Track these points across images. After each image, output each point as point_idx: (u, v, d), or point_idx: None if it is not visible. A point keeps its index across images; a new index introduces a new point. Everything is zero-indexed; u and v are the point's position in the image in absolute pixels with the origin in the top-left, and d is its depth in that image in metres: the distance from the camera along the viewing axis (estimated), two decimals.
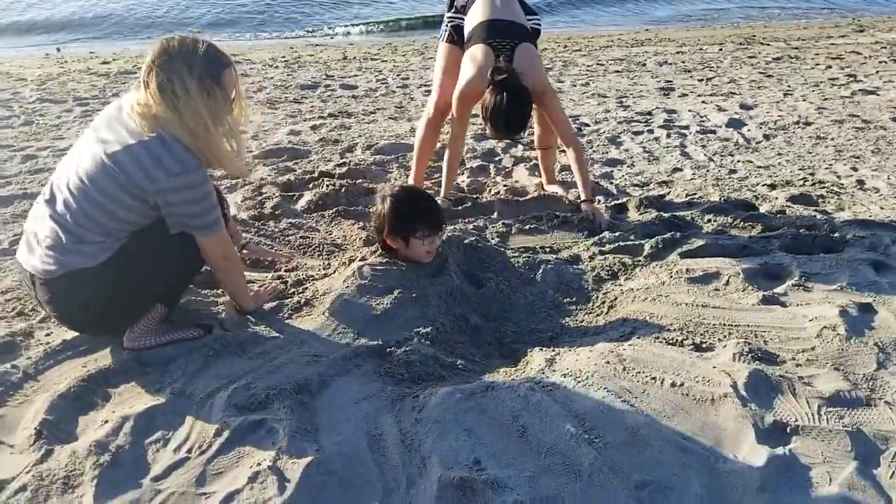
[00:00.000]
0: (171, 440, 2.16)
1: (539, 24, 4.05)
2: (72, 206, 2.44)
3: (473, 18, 3.90)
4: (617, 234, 3.63)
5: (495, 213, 4.01)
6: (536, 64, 3.83)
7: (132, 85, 6.41)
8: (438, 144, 4.42)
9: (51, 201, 2.52)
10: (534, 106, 3.83)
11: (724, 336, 2.68)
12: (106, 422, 2.21)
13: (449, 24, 4.07)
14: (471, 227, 3.76)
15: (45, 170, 4.87)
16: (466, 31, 3.94)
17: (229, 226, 2.96)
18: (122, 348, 2.60)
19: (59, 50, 11.33)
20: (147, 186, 2.39)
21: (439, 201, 3.75)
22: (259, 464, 2.03)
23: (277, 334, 2.79)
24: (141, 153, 2.39)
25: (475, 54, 3.77)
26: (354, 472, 2.05)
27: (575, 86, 7.80)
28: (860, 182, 4.65)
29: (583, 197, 3.97)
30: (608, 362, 2.49)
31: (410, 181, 4.36)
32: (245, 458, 2.08)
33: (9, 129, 6.10)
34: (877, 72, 8.47)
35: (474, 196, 4.29)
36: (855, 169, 4.92)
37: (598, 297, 3.13)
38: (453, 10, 4.05)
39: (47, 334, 2.71)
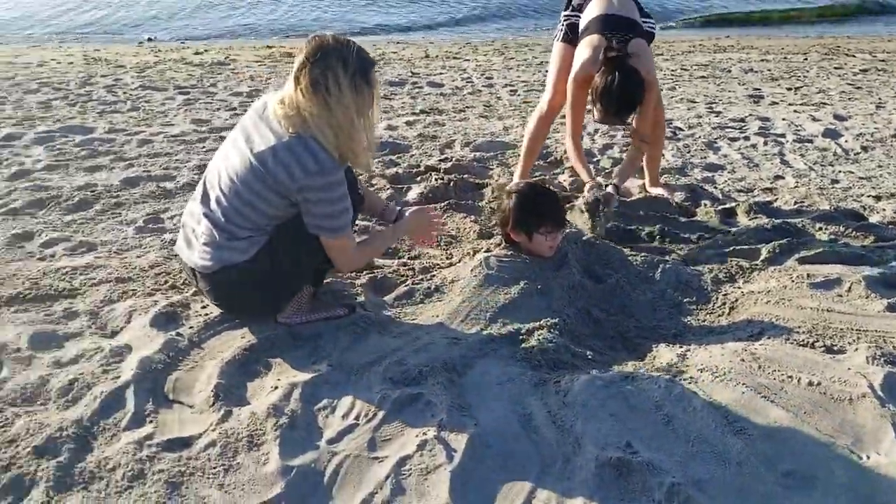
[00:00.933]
0: (337, 408, 2.33)
1: (654, 28, 4.13)
2: (223, 204, 2.62)
3: (589, 13, 3.99)
4: (731, 237, 3.70)
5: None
6: (648, 58, 3.90)
7: (272, 84, 6.60)
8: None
9: (204, 199, 2.70)
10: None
11: (854, 340, 2.74)
12: (275, 388, 2.39)
13: (564, 23, 4.17)
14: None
15: (161, 154, 5.13)
16: (581, 26, 4.03)
17: (369, 197, 3.12)
18: (274, 323, 2.78)
19: (150, 40, 11.74)
20: (289, 184, 2.52)
21: (590, 186, 3.80)
22: (425, 433, 2.17)
23: (413, 317, 2.94)
24: (283, 152, 2.52)
25: (590, 42, 3.85)
26: (511, 446, 2.18)
27: (661, 90, 7.80)
28: None
29: (615, 181, 3.94)
30: (743, 360, 2.57)
31: (516, 176, 4.47)
32: (409, 427, 2.23)
33: (118, 113, 6.42)
34: None
35: (578, 196, 4.39)
36: None
37: (717, 298, 3.21)
38: (570, 8, 4.15)
39: (203, 306, 2.90)
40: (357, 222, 3.36)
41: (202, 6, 14.99)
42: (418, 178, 4.63)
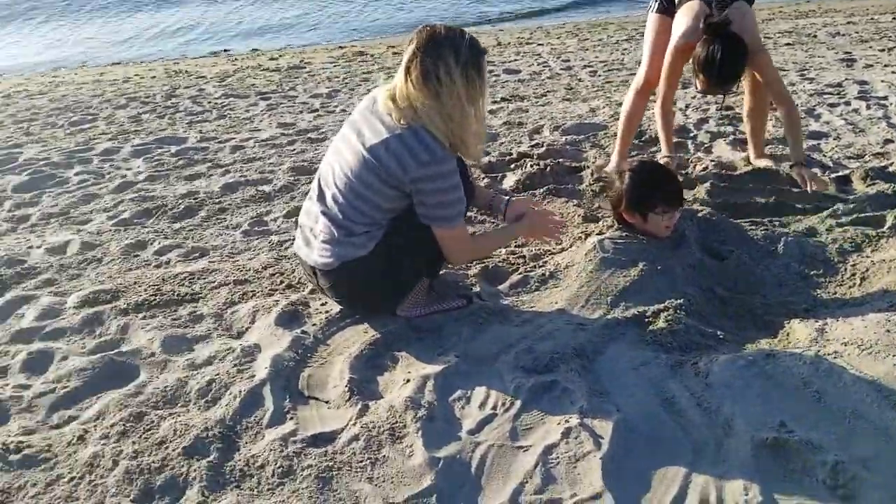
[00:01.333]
0: (471, 398, 2.30)
1: None
2: (339, 200, 2.62)
3: None
4: (852, 205, 3.52)
5: (707, 188, 3.95)
6: (750, 21, 3.77)
7: (379, 77, 6.62)
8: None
9: (320, 198, 2.71)
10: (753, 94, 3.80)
11: None
12: (407, 381, 2.38)
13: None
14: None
15: (255, 158, 5.21)
16: None
17: (478, 190, 3.10)
18: (394, 316, 2.77)
19: (226, 50, 12.00)
20: (402, 176, 2.51)
21: (664, 156, 3.77)
22: (567, 421, 2.12)
23: (531, 305, 2.89)
24: (395, 144, 2.52)
25: (690, 8, 3.76)
26: (658, 431, 2.12)
27: None
28: None
29: (792, 160, 3.89)
30: (888, 331, 2.44)
31: (614, 156, 4.37)
32: (549, 415, 2.18)
33: (206, 122, 6.56)
34: None
35: (682, 172, 4.26)
36: None
37: (846, 269, 3.06)
38: None
39: (322, 304, 2.92)
40: (468, 213, 3.32)
41: (270, 20, 15.24)
42: (512, 166, 4.57)
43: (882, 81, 6.21)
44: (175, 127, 6.35)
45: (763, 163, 4.26)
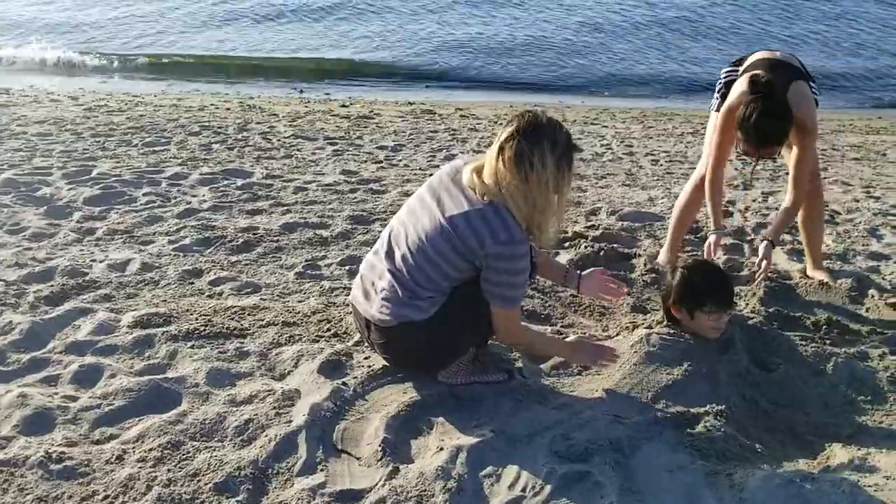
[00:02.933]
0: (502, 476, 2.30)
1: (817, 94, 3.94)
2: (409, 262, 2.68)
3: (751, 59, 3.92)
4: None
5: (760, 296, 3.92)
6: (809, 103, 3.72)
7: (462, 150, 6.78)
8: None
9: (389, 255, 2.77)
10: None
11: None
12: (440, 449, 2.39)
13: (724, 81, 4.05)
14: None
15: (316, 202, 5.34)
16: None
17: (549, 262, 3.28)
18: (434, 381, 2.79)
19: (301, 91, 12.38)
20: (477, 250, 2.59)
21: (714, 231, 3.81)
22: None
23: (571, 389, 2.90)
24: (475, 218, 2.60)
25: (748, 77, 3.69)
26: None
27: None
28: None
29: (766, 235, 3.87)
30: None
31: (665, 248, 4.37)
32: None
33: (273, 160, 6.75)
34: None
35: (733, 274, 4.24)
36: None
37: (895, 399, 3.00)
38: (730, 65, 4.07)
39: (366, 357, 2.97)
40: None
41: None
42: (566, 244, 4.60)
43: None
44: (243, 160, 6.56)
45: (820, 275, 4.22)
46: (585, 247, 4.48)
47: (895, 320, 3.70)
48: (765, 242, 3.85)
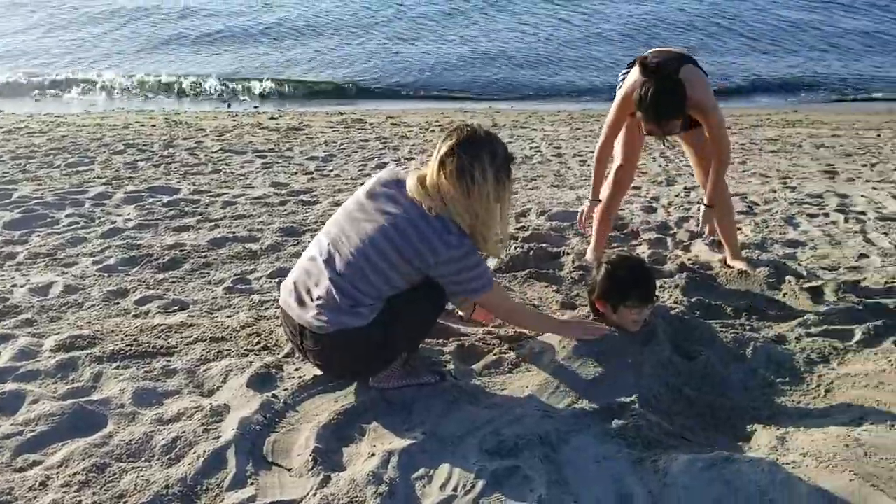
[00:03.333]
0: (434, 477, 2.33)
1: (707, 76, 4.07)
2: (350, 270, 2.70)
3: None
4: (822, 316, 3.62)
5: (682, 286, 4.04)
6: (702, 84, 3.86)
7: (394, 158, 6.79)
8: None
9: (329, 263, 2.76)
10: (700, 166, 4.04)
11: None
12: (372, 455, 2.40)
13: (621, 80, 4.13)
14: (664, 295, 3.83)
15: (245, 216, 5.29)
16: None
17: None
18: (366, 387, 2.80)
19: (229, 105, 12.22)
20: (428, 257, 2.67)
21: (590, 202, 4.10)
22: None
23: (503, 387, 2.94)
24: (424, 227, 2.67)
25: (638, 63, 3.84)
26: None
27: (732, 163, 7.78)
28: None
29: (706, 201, 4.08)
30: (847, 446, 2.49)
31: (591, 246, 4.47)
32: (508, 500, 2.21)
33: (200, 175, 6.66)
34: None
35: (657, 268, 4.36)
36: None
37: (812, 380, 3.13)
38: (626, 67, 4.18)
39: (296, 368, 2.96)
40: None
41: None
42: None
43: (862, 196, 6.41)
44: (169, 177, 6.46)
45: (739, 264, 4.37)
46: (515, 248, 4.55)
47: (811, 305, 3.86)
48: (703, 208, 4.07)
